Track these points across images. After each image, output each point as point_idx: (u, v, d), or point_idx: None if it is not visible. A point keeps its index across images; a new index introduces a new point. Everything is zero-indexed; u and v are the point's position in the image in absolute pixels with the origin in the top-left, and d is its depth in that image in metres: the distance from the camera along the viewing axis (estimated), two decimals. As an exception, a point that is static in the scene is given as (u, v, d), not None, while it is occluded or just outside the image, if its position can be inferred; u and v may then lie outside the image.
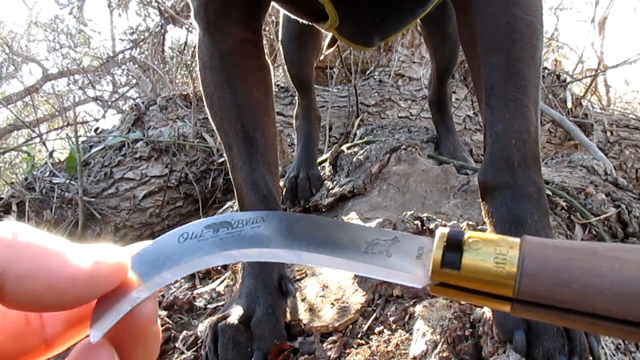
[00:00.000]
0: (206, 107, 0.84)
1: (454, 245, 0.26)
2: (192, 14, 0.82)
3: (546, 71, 2.74)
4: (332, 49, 1.41)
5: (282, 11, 1.07)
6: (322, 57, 1.54)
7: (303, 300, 0.74)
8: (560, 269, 0.24)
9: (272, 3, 0.87)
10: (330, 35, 1.25)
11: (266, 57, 0.87)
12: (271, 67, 0.89)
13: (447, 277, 0.25)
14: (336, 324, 0.66)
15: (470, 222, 0.79)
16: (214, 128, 0.84)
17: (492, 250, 0.25)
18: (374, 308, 0.68)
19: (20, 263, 0.21)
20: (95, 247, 0.24)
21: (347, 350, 0.61)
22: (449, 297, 0.27)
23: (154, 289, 0.25)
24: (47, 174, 1.84)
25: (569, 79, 2.81)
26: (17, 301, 0.21)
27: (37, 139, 2.52)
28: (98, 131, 2.20)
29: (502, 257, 0.25)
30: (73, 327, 0.27)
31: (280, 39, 1.36)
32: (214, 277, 0.93)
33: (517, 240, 0.26)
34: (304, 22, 0.97)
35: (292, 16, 0.97)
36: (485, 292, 0.25)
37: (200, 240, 0.28)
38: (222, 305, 0.80)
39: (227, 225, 0.29)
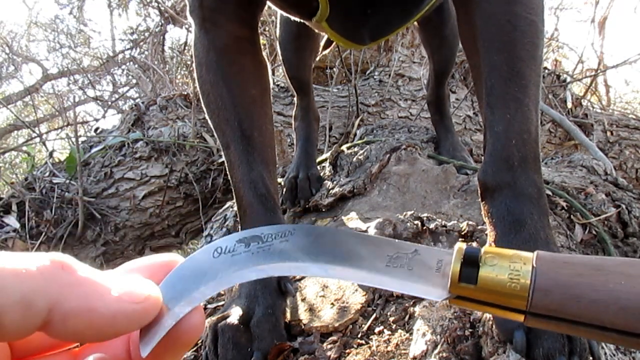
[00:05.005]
0: (203, 106, 0.83)
1: (471, 261, 0.28)
2: (187, 10, 0.81)
3: (546, 71, 2.73)
4: (328, 50, 1.41)
5: (278, 11, 1.06)
6: (318, 58, 1.54)
7: (303, 300, 0.74)
8: (570, 285, 0.26)
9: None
10: (326, 36, 1.25)
11: (263, 54, 0.87)
12: (268, 65, 0.88)
13: (464, 291, 0.27)
14: (336, 324, 0.66)
15: (470, 222, 0.79)
16: (211, 126, 0.84)
17: (506, 265, 0.27)
18: (374, 308, 0.68)
19: (67, 302, 0.22)
20: (131, 280, 0.26)
21: (347, 350, 0.61)
22: (466, 307, 0.29)
23: (194, 304, 0.27)
24: (47, 174, 1.84)
25: (569, 79, 2.81)
26: (61, 335, 0.23)
27: (37, 139, 2.52)
28: (98, 131, 2.20)
29: (516, 273, 0.26)
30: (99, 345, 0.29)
31: (277, 40, 1.36)
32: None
33: (530, 255, 0.27)
34: (298, 20, 0.96)
35: (283, 13, 0.96)
36: (500, 305, 0.27)
37: (234, 255, 0.30)
38: (222, 305, 0.80)
39: (258, 239, 0.30)
